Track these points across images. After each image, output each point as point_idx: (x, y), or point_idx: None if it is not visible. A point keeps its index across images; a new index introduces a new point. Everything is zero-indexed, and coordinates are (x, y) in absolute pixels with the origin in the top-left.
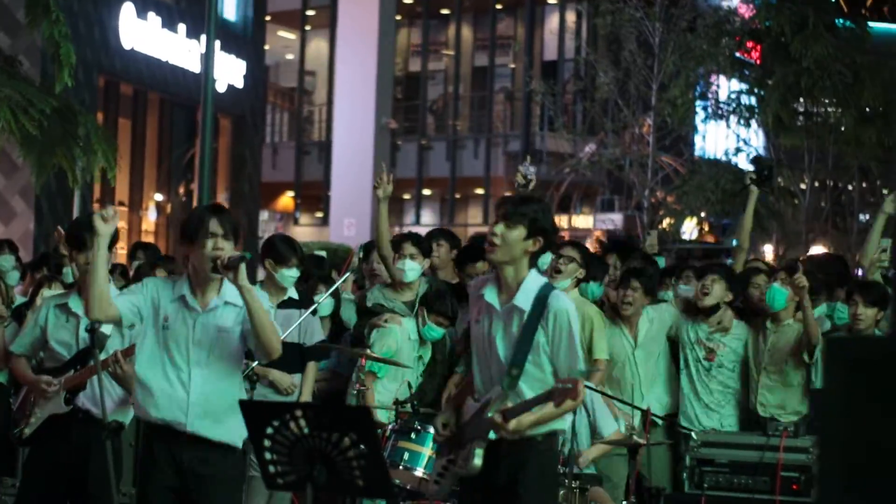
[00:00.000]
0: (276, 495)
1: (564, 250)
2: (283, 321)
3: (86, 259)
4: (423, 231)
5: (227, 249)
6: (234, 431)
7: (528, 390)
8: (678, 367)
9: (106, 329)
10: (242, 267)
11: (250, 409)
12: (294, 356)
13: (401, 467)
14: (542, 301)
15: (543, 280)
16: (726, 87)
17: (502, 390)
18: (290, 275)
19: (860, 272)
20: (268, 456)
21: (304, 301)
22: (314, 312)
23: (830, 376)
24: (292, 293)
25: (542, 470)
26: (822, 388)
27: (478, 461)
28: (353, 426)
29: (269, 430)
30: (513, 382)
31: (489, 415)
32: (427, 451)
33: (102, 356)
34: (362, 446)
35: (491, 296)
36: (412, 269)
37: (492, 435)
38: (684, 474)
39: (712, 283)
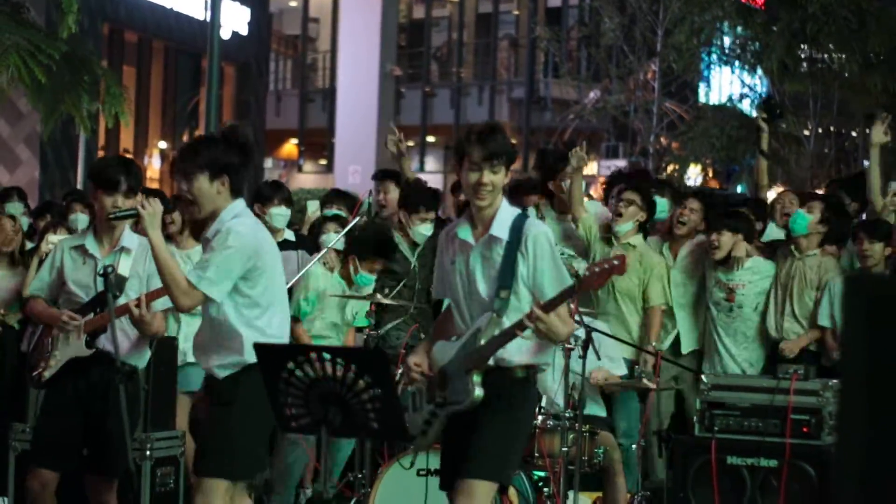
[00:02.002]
0: (294, 455)
1: (625, 194)
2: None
3: (113, 202)
4: (426, 178)
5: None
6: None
7: (506, 321)
8: None
9: (123, 271)
10: (147, 217)
11: (264, 352)
12: None
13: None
14: (517, 229)
15: (516, 210)
16: (731, 33)
17: (493, 314)
18: (278, 213)
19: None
20: (282, 399)
21: (301, 242)
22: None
23: (850, 314)
24: (289, 236)
25: (512, 396)
26: (842, 326)
27: (479, 391)
28: (367, 368)
29: (284, 374)
30: (504, 304)
31: (482, 341)
32: None
33: (122, 298)
34: (377, 389)
35: (465, 233)
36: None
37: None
38: (695, 417)
39: (718, 236)
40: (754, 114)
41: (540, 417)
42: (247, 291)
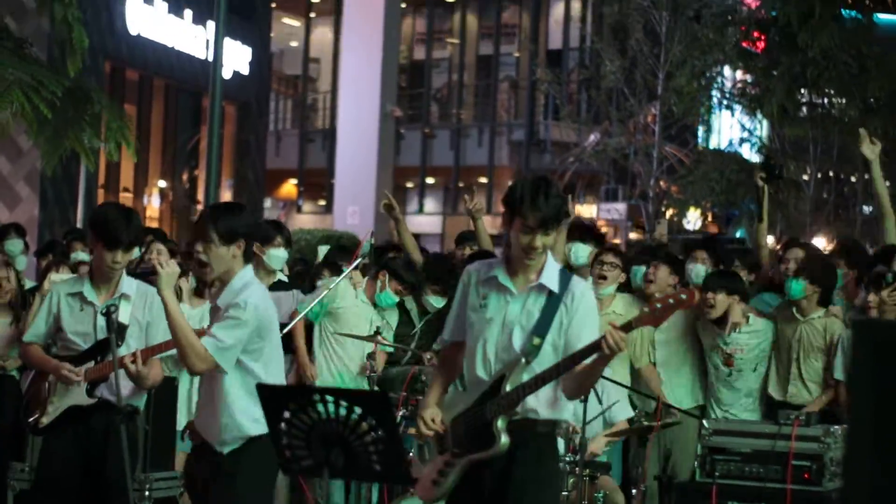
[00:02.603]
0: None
1: (607, 257)
2: (274, 303)
3: (113, 258)
4: (425, 220)
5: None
6: None
7: (536, 367)
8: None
9: (124, 318)
10: (164, 277)
11: (267, 393)
12: None
13: (410, 455)
14: (564, 283)
15: (558, 263)
16: (732, 76)
17: (523, 360)
18: (277, 255)
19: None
20: (284, 440)
21: (294, 284)
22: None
23: (858, 359)
24: (282, 276)
25: (539, 450)
26: (849, 371)
27: (506, 438)
28: (370, 410)
29: (286, 415)
30: (535, 351)
31: (508, 388)
32: None
33: (123, 348)
34: (380, 431)
35: (505, 280)
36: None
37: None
38: (695, 462)
39: (714, 295)
40: (754, 159)
41: None
42: (250, 365)
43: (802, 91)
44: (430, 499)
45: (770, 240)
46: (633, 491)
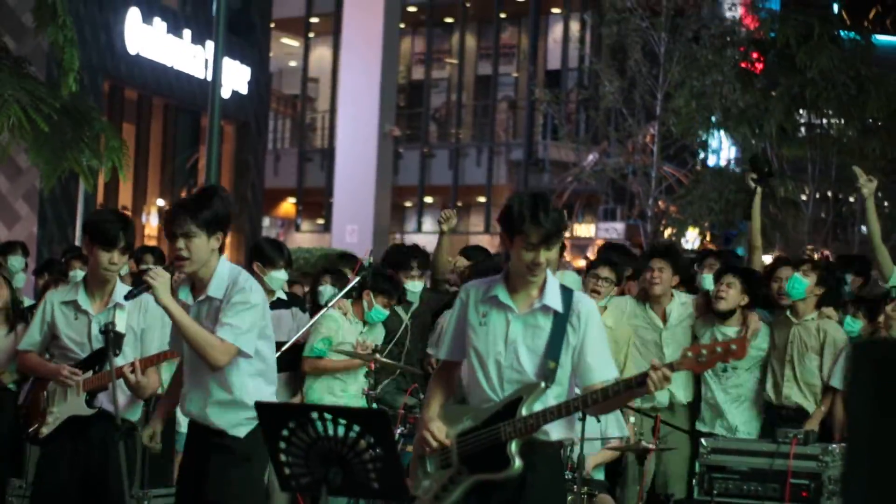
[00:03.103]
0: (275, 498)
1: (601, 271)
2: (275, 322)
3: (110, 259)
4: (423, 239)
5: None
6: None
7: (550, 393)
8: None
9: (120, 327)
10: (159, 287)
11: (266, 411)
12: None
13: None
14: (567, 301)
15: (557, 280)
16: (730, 97)
17: (542, 385)
18: (278, 277)
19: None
20: (283, 458)
21: (293, 301)
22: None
23: (857, 378)
24: (281, 295)
25: (551, 473)
26: (848, 390)
27: (519, 462)
28: (369, 428)
29: (285, 432)
30: (552, 375)
31: (524, 412)
32: None
33: (119, 358)
34: (378, 449)
35: (505, 297)
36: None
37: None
38: (694, 481)
39: (728, 287)
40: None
41: None
42: (259, 344)
43: (801, 111)
44: None
45: (767, 259)
46: None
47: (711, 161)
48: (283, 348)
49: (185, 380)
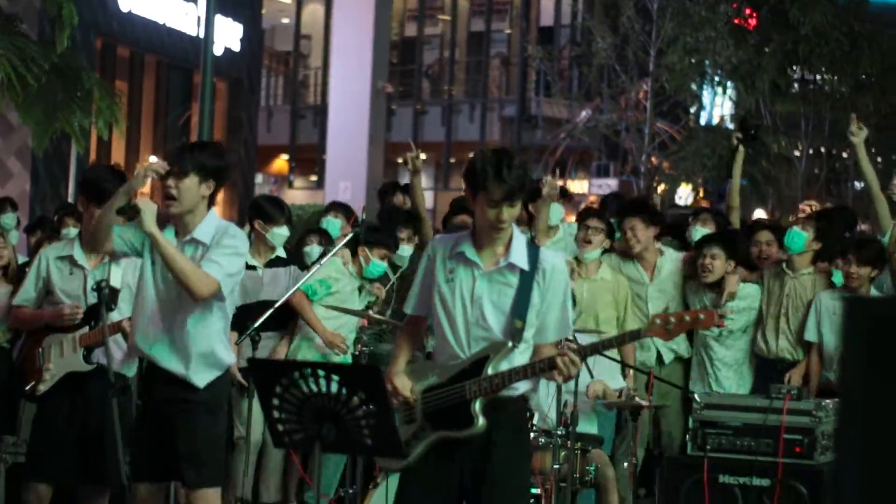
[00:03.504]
0: (269, 456)
1: (591, 221)
2: (271, 279)
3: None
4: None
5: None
6: None
7: (517, 352)
8: None
9: (115, 282)
10: (146, 213)
11: (259, 368)
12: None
13: None
14: (534, 258)
15: (525, 236)
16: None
17: (509, 344)
18: (280, 233)
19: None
20: (276, 414)
21: (292, 259)
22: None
23: (850, 336)
24: (280, 252)
25: (514, 429)
26: (842, 347)
27: (483, 421)
28: (362, 384)
29: (278, 389)
30: (519, 334)
31: (489, 371)
32: None
33: (115, 312)
34: (371, 405)
35: (472, 254)
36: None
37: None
38: (687, 436)
39: (713, 259)
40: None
41: (532, 434)
42: (228, 301)
43: (794, 67)
44: (394, 468)
45: (761, 214)
46: (625, 464)
47: (703, 118)
48: (276, 305)
49: (149, 323)
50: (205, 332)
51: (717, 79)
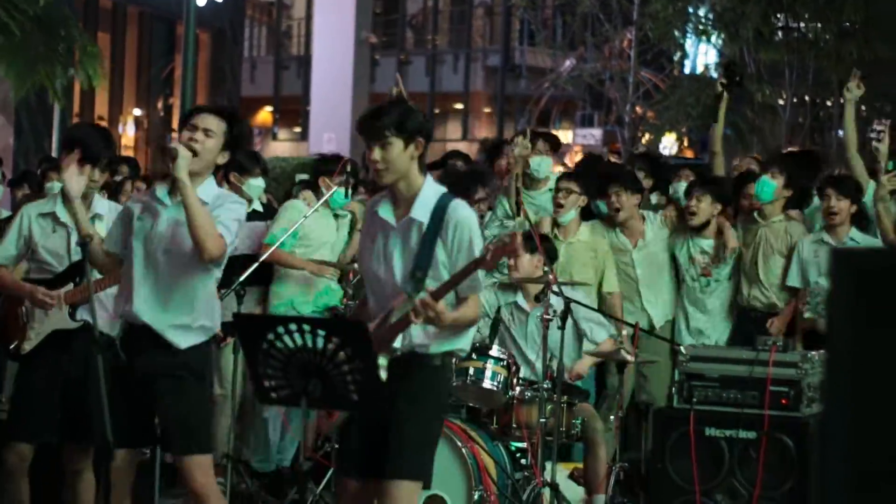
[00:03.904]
0: (249, 415)
1: (562, 183)
2: (248, 233)
3: (90, 175)
4: None
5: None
6: None
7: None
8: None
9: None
10: (182, 160)
11: (244, 323)
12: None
13: (468, 381)
14: (440, 212)
15: (441, 189)
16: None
17: (407, 296)
18: (256, 184)
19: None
20: (261, 370)
21: (269, 213)
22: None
23: (837, 288)
24: (257, 205)
25: (428, 387)
26: (829, 299)
27: (383, 374)
28: (348, 340)
29: (264, 345)
30: (417, 286)
31: (393, 320)
32: (489, 365)
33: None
34: (357, 361)
35: (385, 212)
36: None
37: (397, 343)
38: (673, 389)
39: (698, 200)
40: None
41: (518, 388)
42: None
43: (778, 15)
44: (326, 430)
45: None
46: (612, 417)
47: (688, 67)
48: (259, 261)
49: (140, 287)
50: (203, 296)
51: (700, 27)
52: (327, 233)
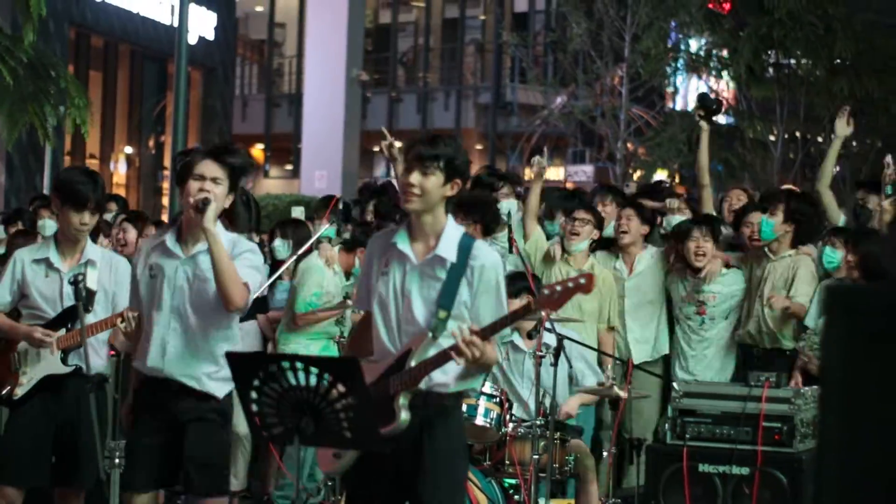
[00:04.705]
0: (234, 444)
1: (578, 213)
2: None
3: (80, 219)
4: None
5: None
6: None
7: (443, 343)
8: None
9: (91, 284)
10: (212, 209)
11: (237, 361)
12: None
13: None
14: (465, 252)
15: (461, 229)
16: (698, 39)
17: (430, 335)
18: None
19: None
20: (254, 408)
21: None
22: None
23: (831, 325)
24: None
25: (447, 431)
26: (822, 334)
27: (406, 415)
28: (341, 377)
29: (256, 382)
30: (441, 325)
31: (413, 363)
32: (482, 402)
33: (90, 316)
34: (350, 398)
35: (405, 245)
36: None
37: (422, 385)
38: (666, 425)
39: (705, 242)
40: (720, 120)
41: (511, 425)
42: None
43: (769, 52)
44: (332, 471)
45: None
46: (604, 454)
47: (680, 105)
48: (253, 297)
49: (164, 340)
50: (225, 344)
51: (692, 63)
52: (341, 284)
